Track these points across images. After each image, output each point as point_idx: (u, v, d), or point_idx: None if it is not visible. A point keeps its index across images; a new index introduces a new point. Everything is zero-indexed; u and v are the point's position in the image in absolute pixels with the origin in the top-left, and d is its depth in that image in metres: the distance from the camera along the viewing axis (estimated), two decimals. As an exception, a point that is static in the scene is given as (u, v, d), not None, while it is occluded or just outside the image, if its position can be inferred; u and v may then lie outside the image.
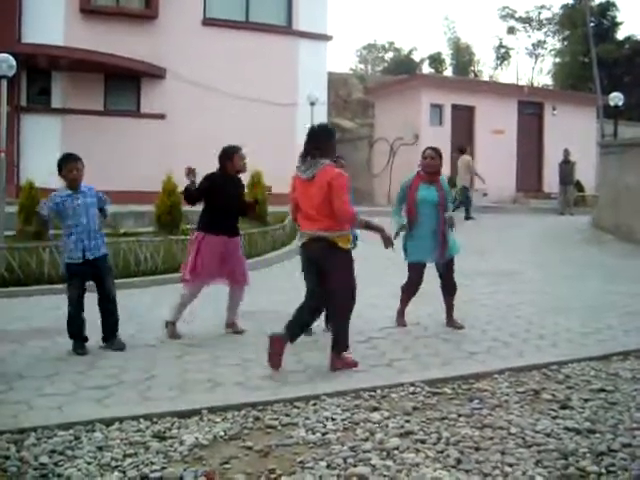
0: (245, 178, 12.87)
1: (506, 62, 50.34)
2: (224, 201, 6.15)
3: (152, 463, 3.31)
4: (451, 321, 6.56)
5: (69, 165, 5.65)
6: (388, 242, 5.12)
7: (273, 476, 3.18)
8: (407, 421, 3.90)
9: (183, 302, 6.21)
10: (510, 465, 3.29)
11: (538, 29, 48.65)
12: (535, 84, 44.71)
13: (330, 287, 5.01)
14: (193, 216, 12.94)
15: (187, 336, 6.15)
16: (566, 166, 18.82)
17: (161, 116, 17.46)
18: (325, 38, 19.85)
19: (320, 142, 5.18)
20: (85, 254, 5.58)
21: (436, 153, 6.53)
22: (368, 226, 5.09)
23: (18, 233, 10.65)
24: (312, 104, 17.57)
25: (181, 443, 3.57)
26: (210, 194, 6.13)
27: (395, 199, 6.86)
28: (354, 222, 5.02)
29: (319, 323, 6.56)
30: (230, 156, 6.28)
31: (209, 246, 6.05)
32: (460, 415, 4.00)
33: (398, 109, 20.77)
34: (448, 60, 47.44)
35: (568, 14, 37.00)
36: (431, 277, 9.62)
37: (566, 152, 18.78)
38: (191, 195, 6.18)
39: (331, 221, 4.90)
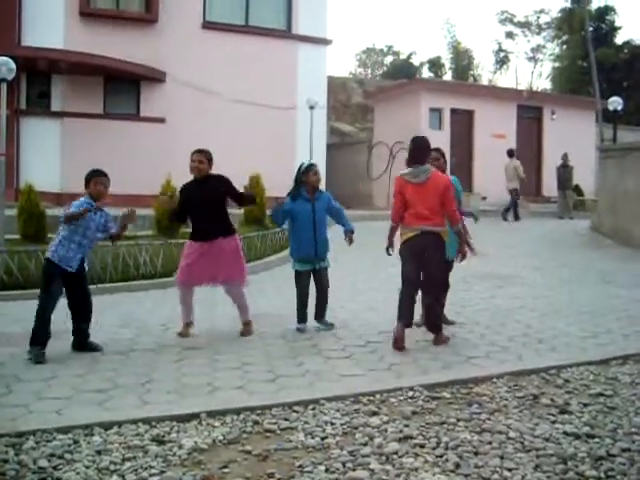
0: (244, 180, 13.00)
1: (505, 66, 50.45)
2: (192, 208, 6.28)
3: (151, 467, 3.31)
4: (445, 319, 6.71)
5: (95, 179, 5.71)
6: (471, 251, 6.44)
7: (272, 480, 3.18)
8: (406, 425, 3.89)
9: (181, 304, 6.34)
10: (509, 470, 3.28)
11: (537, 33, 48.78)
12: (534, 88, 44.75)
13: (430, 272, 5.87)
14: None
15: (186, 340, 6.15)
16: (564, 170, 18.84)
17: (161, 120, 17.47)
18: (325, 42, 19.88)
19: (424, 151, 6.05)
20: (79, 266, 5.67)
21: (439, 154, 6.70)
22: (462, 231, 6.17)
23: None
24: (311, 108, 17.61)
25: (180, 447, 3.57)
26: (185, 204, 6.36)
27: None
28: (458, 223, 6.00)
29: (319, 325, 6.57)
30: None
31: (189, 251, 6.28)
32: (459, 419, 4.00)
33: (397, 113, 20.80)
34: (447, 64, 47.53)
35: (566, 18, 37.04)
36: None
37: (565, 156, 18.81)
38: (173, 214, 6.62)
39: (441, 219, 5.83)
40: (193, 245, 6.26)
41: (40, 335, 5.47)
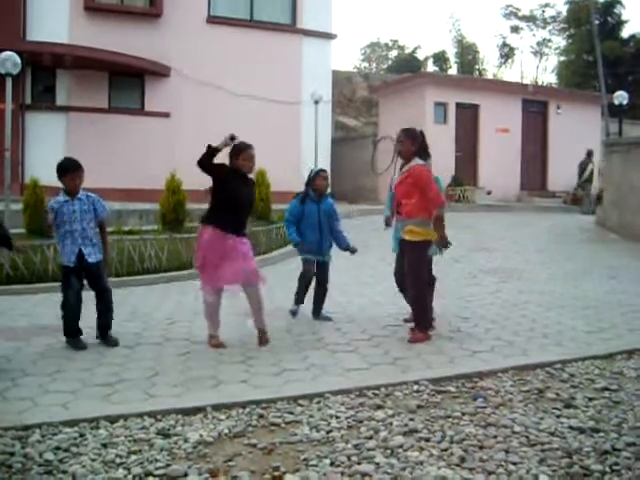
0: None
1: (510, 60, 50.25)
2: (235, 198, 5.80)
3: (156, 460, 3.32)
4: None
5: (71, 174, 5.75)
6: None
7: (277, 473, 3.19)
8: (411, 419, 3.90)
9: (206, 313, 5.94)
10: (514, 463, 3.28)
11: (542, 27, 48.56)
12: (539, 82, 44.60)
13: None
14: (197, 214, 12.99)
15: (192, 334, 6.16)
16: (582, 165, 18.97)
17: (165, 114, 17.47)
18: (329, 36, 19.84)
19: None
20: (80, 259, 5.71)
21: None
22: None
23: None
24: (316, 102, 17.58)
25: (185, 440, 3.58)
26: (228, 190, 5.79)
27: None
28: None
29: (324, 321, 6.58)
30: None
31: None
32: (464, 413, 4.00)
33: (402, 107, 20.74)
34: (452, 58, 47.38)
35: (575, 11, 36.82)
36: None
37: (588, 152, 18.89)
38: (211, 155, 5.61)
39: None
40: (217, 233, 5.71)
41: (67, 326, 5.70)
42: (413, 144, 6.10)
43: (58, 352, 5.50)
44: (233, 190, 5.74)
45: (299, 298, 6.96)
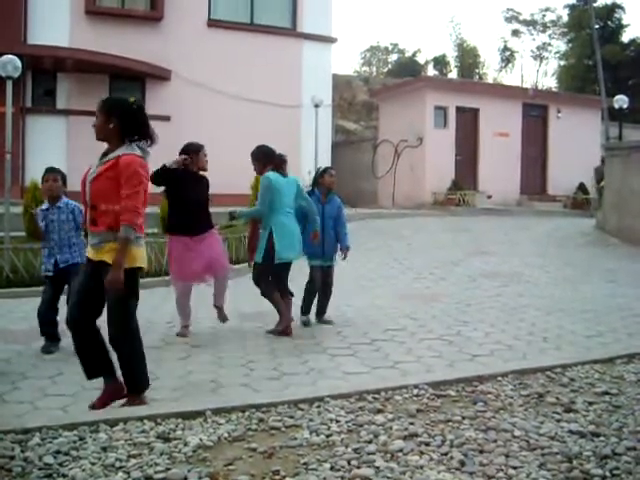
0: (248, 179, 13.02)
1: (511, 64, 50.33)
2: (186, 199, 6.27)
3: (156, 464, 3.31)
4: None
5: (45, 176, 5.87)
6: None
7: (277, 477, 3.18)
8: (411, 423, 3.89)
9: (178, 304, 6.40)
10: (514, 468, 3.28)
11: (542, 32, 48.66)
12: (540, 86, 44.69)
13: None
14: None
15: (191, 337, 6.16)
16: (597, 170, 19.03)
17: (166, 118, 17.48)
18: (329, 40, 19.87)
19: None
20: (56, 267, 5.81)
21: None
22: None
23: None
24: (316, 106, 17.60)
25: (185, 444, 3.57)
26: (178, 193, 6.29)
27: None
28: None
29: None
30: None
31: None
32: (464, 417, 4.00)
33: (402, 111, 20.77)
34: (453, 62, 47.46)
35: (576, 16, 36.88)
36: (434, 282, 9.66)
37: (603, 158, 18.94)
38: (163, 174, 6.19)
39: None
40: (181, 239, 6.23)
41: (41, 329, 5.79)
42: (109, 120, 4.48)
43: (58, 355, 5.50)
44: (188, 193, 6.17)
45: (307, 308, 6.83)
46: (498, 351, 5.70)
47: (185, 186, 6.15)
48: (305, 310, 6.81)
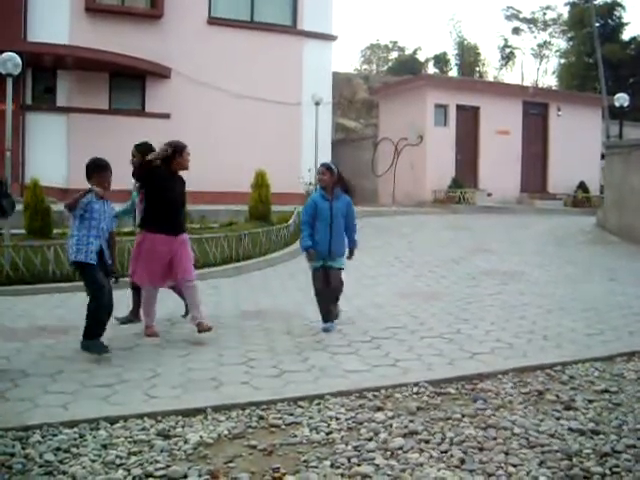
0: (248, 177, 13.01)
1: (511, 62, 50.28)
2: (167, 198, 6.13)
3: (157, 461, 3.32)
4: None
5: (103, 174, 5.63)
6: None
7: (277, 475, 3.19)
8: (411, 421, 3.90)
9: (144, 305, 6.34)
10: (514, 465, 3.29)
11: (543, 30, 48.63)
12: (540, 85, 44.66)
13: None
14: (197, 214, 12.99)
15: (191, 335, 6.16)
16: None
17: (166, 115, 17.48)
18: (330, 38, 19.86)
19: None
20: (100, 256, 5.51)
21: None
22: None
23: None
24: (317, 104, 17.57)
25: (185, 442, 3.58)
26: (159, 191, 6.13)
27: None
28: None
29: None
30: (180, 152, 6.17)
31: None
32: (464, 415, 4.01)
33: (403, 109, 20.76)
34: (453, 60, 47.41)
35: (577, 14, 36.85)
36: (434, 280, 9.66)
37: None
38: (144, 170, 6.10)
39: None
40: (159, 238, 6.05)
41: (97, 327, 5.42)
42: None
43: (58, 353, 5.50)
44: (169, 192, 6.09)
45: (327, 313, 6.44)
46: (498, 349, 5.70)
47: (167, 185, 6.11)
48: (325, 317, 6.44)
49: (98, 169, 5.65)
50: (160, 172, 6.08)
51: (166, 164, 6.09)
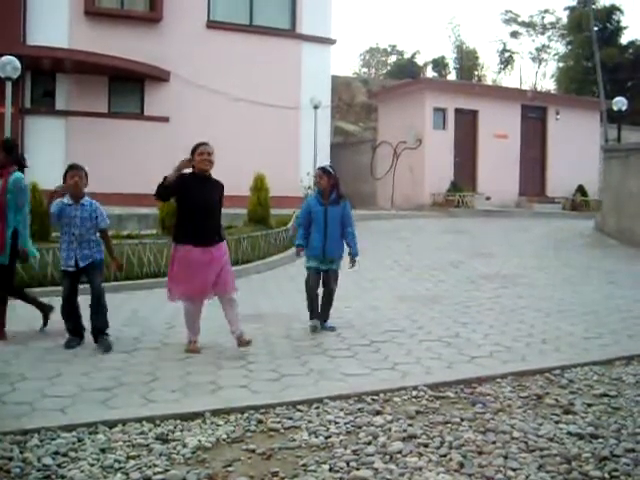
0: (247, 180, 13.00)
1: (509, 66, 50.29)
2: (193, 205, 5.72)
3: (155, 465, 3.32)
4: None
5: (71, 172, 5.89)
6: None
7: (276, 479, 3.19)
8: (410, 425, 3.89)
9: (187, 320, 5.93)
10: (513, 469, 3.28)
11: (541, 33, 48.66)
12: (539, 88, 44.64)
13: None
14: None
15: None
16: None
17: (165, 119, 17.49)
18: (329, 42, 19.88)
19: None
20: (77, 262, 5.81)
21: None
22: None
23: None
24: (316, 107, 17.61)
25: (184, 446, 3.58)
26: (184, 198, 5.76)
27: None
28: None
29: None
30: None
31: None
32: (463, 419, 4.00)
33: (401, 113, 20.79)
34: (451, 64, 47.44)
35: (575, 17, 36.89)
36: (433, 283, 9.65)
37: None
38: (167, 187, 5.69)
39: None
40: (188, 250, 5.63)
41: (65, 324, 5.92)
42: None
43: (57, 356, 5.49)
44: (194, 199, 5.64)
45: (311, 312, 6.55)
46: (497, 353, 5.70)
47: (192, 191, 5.67)
48: (311, 315, 6.56)
49: (70, 169, 5.93)
50: (186, 178, 5.70)
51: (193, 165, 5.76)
